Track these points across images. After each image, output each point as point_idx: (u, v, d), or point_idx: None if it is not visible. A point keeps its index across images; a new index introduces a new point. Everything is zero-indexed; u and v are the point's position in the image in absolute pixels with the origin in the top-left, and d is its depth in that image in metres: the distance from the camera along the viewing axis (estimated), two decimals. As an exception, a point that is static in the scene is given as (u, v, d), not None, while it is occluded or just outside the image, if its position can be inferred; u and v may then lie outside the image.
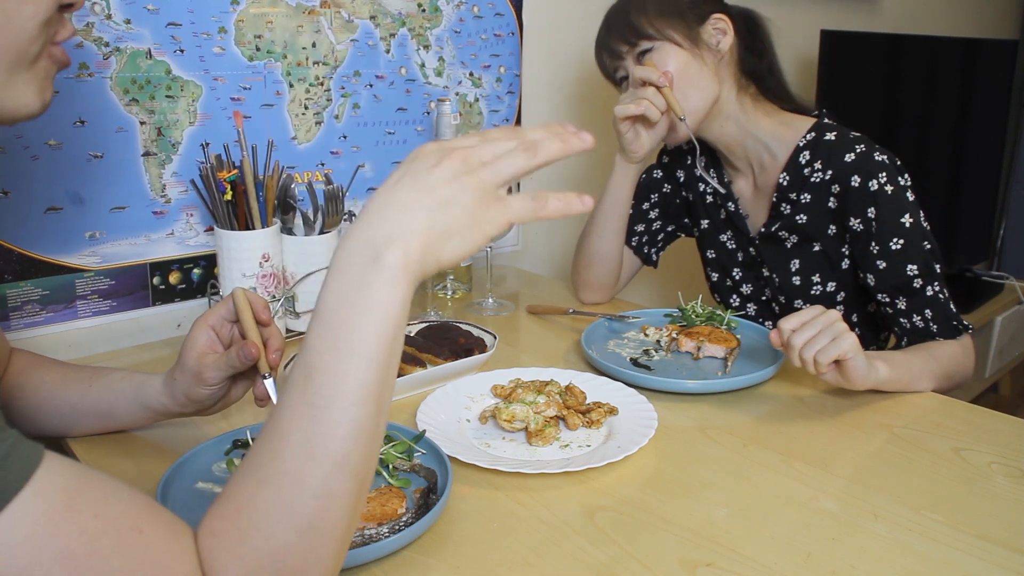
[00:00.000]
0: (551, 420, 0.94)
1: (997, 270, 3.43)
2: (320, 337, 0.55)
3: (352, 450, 0.54)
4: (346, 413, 0.53)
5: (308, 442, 0.53)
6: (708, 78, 1.22)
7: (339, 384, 0.54)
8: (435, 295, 1.49)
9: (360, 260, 0.55)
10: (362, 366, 0.54)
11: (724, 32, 1.22)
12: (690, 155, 1.41)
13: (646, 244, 1.45)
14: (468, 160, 0.59)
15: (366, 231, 0.56)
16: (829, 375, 0.99)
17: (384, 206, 0.57)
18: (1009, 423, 0.99)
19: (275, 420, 0.55)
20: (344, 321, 0.54)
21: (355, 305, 0.54)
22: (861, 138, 1.21)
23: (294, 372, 0.55)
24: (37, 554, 0.46)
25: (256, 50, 1.32)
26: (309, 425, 0.53)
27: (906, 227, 1.15)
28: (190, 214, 1.29)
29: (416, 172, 0.58)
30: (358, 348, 0.54)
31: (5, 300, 1.15)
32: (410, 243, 0.55)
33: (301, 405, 0.54)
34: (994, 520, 0.78)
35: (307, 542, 0.53)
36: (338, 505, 0.54)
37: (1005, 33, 3.46)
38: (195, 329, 0.82)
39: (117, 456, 0.89)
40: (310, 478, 0.53)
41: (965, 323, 1.15)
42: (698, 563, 0.71)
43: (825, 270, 1.27)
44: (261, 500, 0.53)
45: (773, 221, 1.28)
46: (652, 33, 1.21)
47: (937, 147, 2.84)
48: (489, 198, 0.59)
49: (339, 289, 0.55)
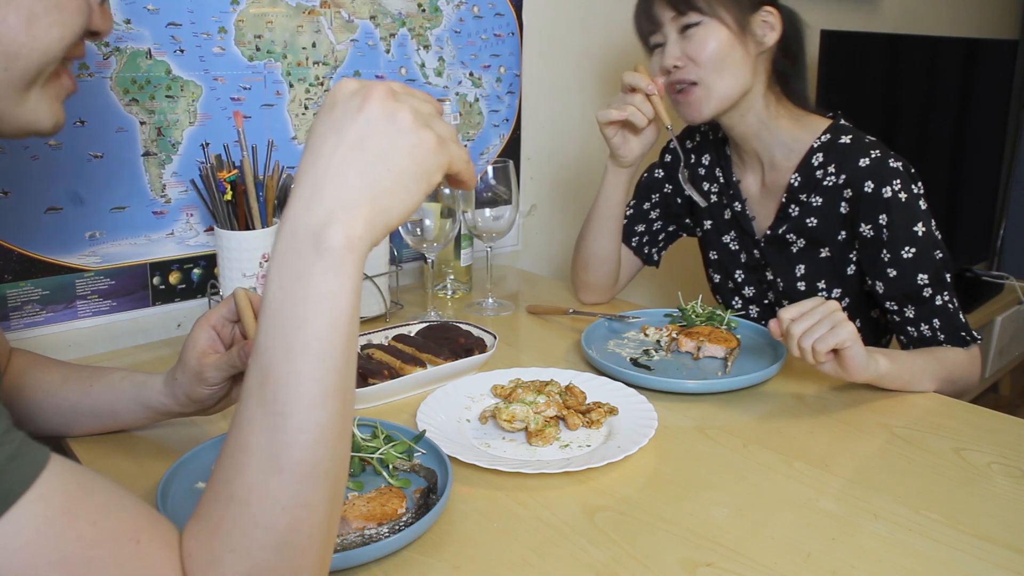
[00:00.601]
0: (551, 420, 0.94)
1: (997, 270, 3.43)
2: (270, 336, 0.51)
3: (320, 455, 0.51)
4: (308, 418, 0.50)
5: (272, 453, 0.50)
6: (747, 67, 1.19)
7: (296, 386, 0.50)
8: (435, 295, 1.49)
9: (301, 248, 0.51)
10: (318, 364, 0.50)
11: (772, 28, 1.20)
12: (688, 152, 1.40)
13: (647, 244, 1.45)
14: (394, 88, 0.54)
15: (303, 214, 0.52)
16: (827, 366, 0.99)
17: (316, 180, 0.52)
18: (1009, 423, 0.99)
19: (236, 431, 0.51)
20: (292, 317, 0.51)
21: (303, 299, 0.50)
22: (876, 143, 1.20)
23: (249, 376, 0.52)
24: (35, 559, 0.46)
25: (256, 50, 1.32)
26: (271, 435, 0.50)
27: (918, 236, 1.14)
28: (190, 214, 1.29)
29: (341, 124, 0.52)
30: (311, 345, 0.50)
31: (5, 300, 1.15)
32: (352, 219, 0.51)
33: (260, 414, 0.51)
34: (994, 520, 0.78)
35: (286, 556, 0.51)
36: (313, 514, 0.51)
37: (1005, 33, 3.46)
38: (196, 329, 0.82)
39: (117, 456, 0.89)
40: (279, 491, 0.50)
41: (974, 334, 1.15)
42: (698, 563, 0.71)
43: (831, 276, 1.26)
44: (232, 519, 0.50)
45: (780, 223, 1.27)
46: (703, 7, 1.16)
47: (937, 147, 2.84)
48: (428, 133, 0.53)
49: (283, 283, 0.51)
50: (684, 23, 1.18)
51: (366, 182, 0.52)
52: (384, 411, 1.00)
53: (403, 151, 0.53)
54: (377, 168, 0.52)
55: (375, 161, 0.52)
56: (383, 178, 0.52)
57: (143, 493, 0.81)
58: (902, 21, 2.79)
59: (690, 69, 1.18)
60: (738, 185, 1.33)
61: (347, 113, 0.53)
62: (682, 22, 1.18)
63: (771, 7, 1.20)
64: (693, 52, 1.17)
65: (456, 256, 1.50)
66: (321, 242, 0.51)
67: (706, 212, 1.39)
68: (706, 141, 1.39)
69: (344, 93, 0.54)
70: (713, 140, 1.37)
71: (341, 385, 0.52)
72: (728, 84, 1.19)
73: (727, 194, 1.35)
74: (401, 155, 0.53)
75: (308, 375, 0.50)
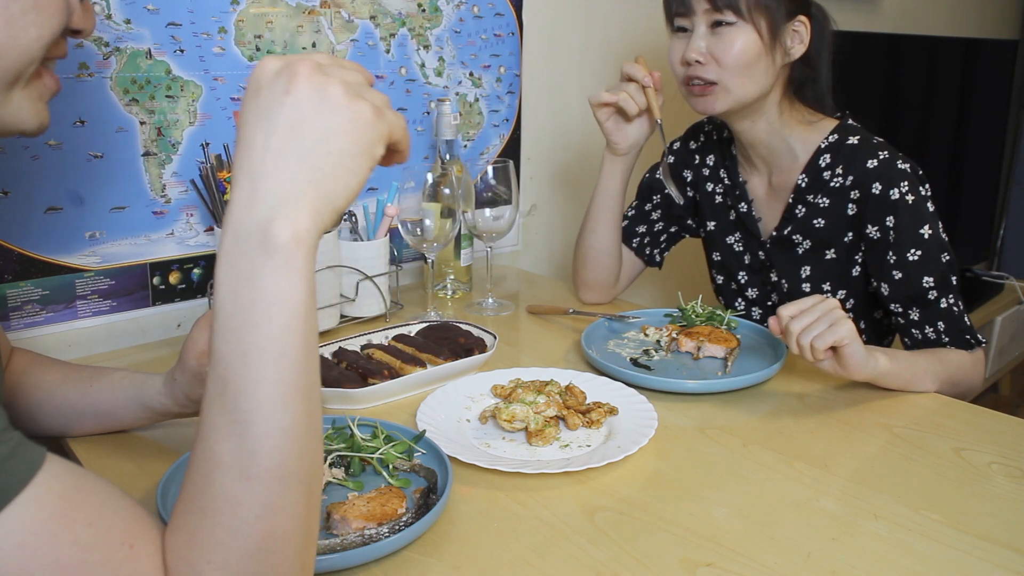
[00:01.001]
0: (551, 420, 0.94)
1: (997, 270, 3.42)
2: (225, 343, 0.49)
3: (287, 459, 0.49)
4: (271, 423, 0.49)
5: (238, 462, 0.49)
6: (768, 77, 1.17)
7: (255, 392, 0.48)
8: (435, 295, 1.49)
9: (246, 249, 0.49)
10: (276, 367, 0.49)
11: (801, 40, 1.18)
12: (692, 152, 1.40)
13: (648, 245, 1.44)
14: (319, 61, 0.51)
15: (245, 214, 0.49)
16: (826, 363, 0.99)
17: (254, 176, 0.50)
18: (1009, 423, 0.99)
19: (202, 441, 0.50)
20: (245, 322, 0.49)
21: (252, 302, 0.49)
22: (884, 144, 1.19)
23: (209, 384, 0.50)
24: (29, 561, 0.46)
25: (256, 50, 1.32)
26: (236, 444, 0.49)
27: (924, 238, 1.14)
28: (190, 214, 1.29)
29: (269, 109, 0.50)
30: (267, 348, 0.49)
31: (5, 300, 1.15)
32: (296, 213, 0.49)
33: (223, 423, 0.49)
34: (994, 520, 0.78)
35: (264, 563, 0.50)
36: (287, 518, 0.50)
37: (1005, 33, 3.46)
38: (196, 329, 0.82)
39: (117, 456, 0.89)
40: (250, 499, 0.49)
41: (979, 337, 1.14)
42: (698, 563, 0.71)
43: (837, 278, 1.25)
44: (206, 530, 0.49)
45: (786, 224, 1.27)
46: (743, 10, 1.13)
47: (937, 147, 2.84)
48: (363, 104, 0.51)
49: (232, 287, 0.49)
50: (717, 19, 1.14)
51: (306, 171, 0.49)
52: (384, 411, 1.00)
53: (340, 130, 0.50)
54: (316, 153, 0.50)
55: (312, 146, 0.50)
56: (323, 164, 0.50)
57: (143, 493, 0.81)
58: (902, 21, 2.79)
59: (711, 69, 1.15)
60: (744, 186, 1.32)
61: (274, 96, 0.50)
62: (716, 17, 1.14)
63: (804, 16, 1.17)
64: (719, 53, 1.14)
65: (456, 256, 1.50)
66: (267, 241, 0.49)
67: (710, 213, 1.38)
68: (710, 141, 1.38)
69: (268, 74, 0.51)
70: (718, 140, 1.37)
71: (303, 385, 0.50)
72: (748, 91, 1.17)
73: (732, 195, 1.34)
74: (338, 135, 0.50)
75: (267, 380, 0.49)
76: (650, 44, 1.86)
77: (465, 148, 1.65)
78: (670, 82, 1.24)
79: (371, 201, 1.43)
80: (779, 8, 1.14)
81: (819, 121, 1.24)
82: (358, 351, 1.12)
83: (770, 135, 1.24)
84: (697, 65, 1.16)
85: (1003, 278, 3.01)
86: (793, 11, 1.16)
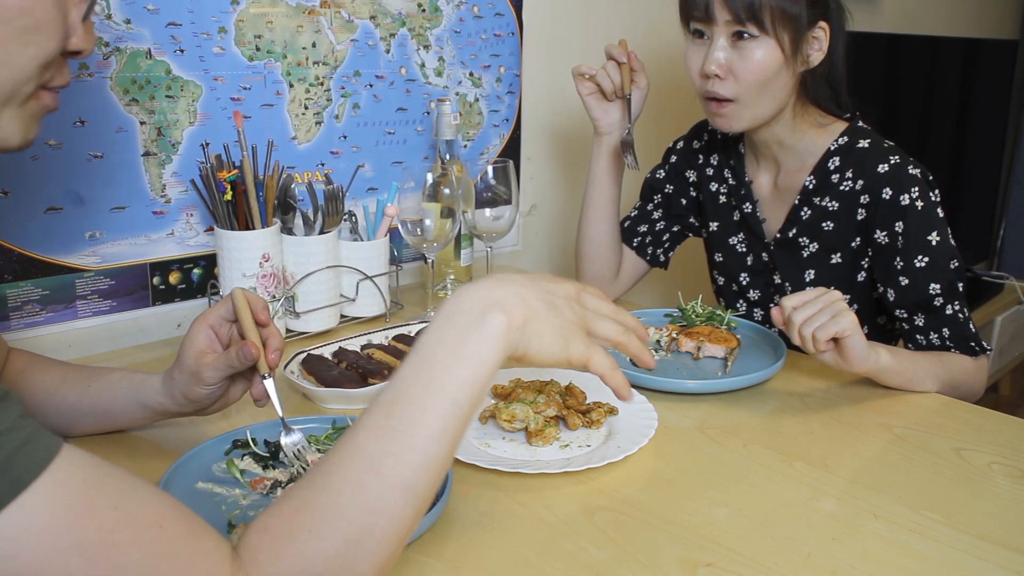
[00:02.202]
0: (551, 420, 0.94)
1: (997, 270, 3.42)
2: (414, 372, 0.59)
3: (419, 478, 0.56)
4: (423, 443, 0.56)
5: (379, 458, 0.55)
6: (786, 91, 1.16)
7: (422, 416, 0.57)
8: (435, 295, 1.49)
9: (468, 316, 0.60)
10: (447, 405, 0.57)
11: (820, 48, 1.15)
12: (695, 153, 1.40)
13: (650, 245, 1.44)
14: (580, 296, 0.67)
15: (479, 292, 0.61)
16: (827, 355, 0.99)
17: (500, 280, 0.63)
18: (1009, 423, 0.99)
19: (352, 435, 0.57)
20: (440, 362, 0.58)
21: (454, 351, 0.59)
22: (895, 148, 1.18)
23: (381, 395, 0.58)
24: (55, 542, 0.46)
25: (256, 50, 1.32)
26: (386, 444, 0.56)
27: (932, 245, 1.13)
28: (190, 214, 1.29)
29: (536, 279, 0.65)
30: (448, 388, 0.57)
31: (5, 300, 1.15)
32: (515, 312, 0.60)
33: (382, 425, 0.57)
34: (994, 520, 0.78)
35: (352, 552, 0.54)
36: (391, 524, 0.55)
37: (1005, 33, 3.46)
38: (194, 328, 0.82)
39: (117, 456, 0.88)
40: (371, 491, 0.55)
41: (984, 345, 1.14)
42: (698, 563, 0.71)
43: (842, 282, 1.24)
44: (320, 505, 0.55)
45: (791, 225, 1.26)
46: (766, 25, 1.10)
47: (937, 147, 2.84)
48: (582, 330, 0.65)
49: (442, 336, 0.60)
50: (739, 31, 1.11)
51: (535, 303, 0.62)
52: (384, 411, 1.00)
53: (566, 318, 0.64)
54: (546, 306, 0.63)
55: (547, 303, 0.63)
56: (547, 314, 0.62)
57: (143, 493, 0.81)
58: (902, 21, 2.79)
59: (729, 85, 1.13)
60: (750, 186, 1.32)
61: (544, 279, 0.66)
62: (737, 29, 1.11)
63: (824, 22, 1.15)
64: (739, 68, 1.12)
65: (456, 256, 1.50)
66: (486, 316, 0.60)
67: (714, 213, 1.37)
68: (715, 141, 1.37)
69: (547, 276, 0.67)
70: (723, 139, 1.35)
71: (456, 434, 0.58)
72: (765, 108, 1.16)
73: (737, 194, 1.33)
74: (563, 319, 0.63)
75: (437, 411, 0.57)
76: (650, 44, 1.85)
77: (465, 148, 1.65)
78: (670, 80, 1.24)
79: (371, 201, 1.44)
80: (802, 17, 1.12)
81: (830, 123, 1.23)
82: (358, 351, 1.12)
83: (783, 136, 1.23)
84: (716, 80, 1.14)
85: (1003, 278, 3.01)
86: (815, 17, 1.14)
